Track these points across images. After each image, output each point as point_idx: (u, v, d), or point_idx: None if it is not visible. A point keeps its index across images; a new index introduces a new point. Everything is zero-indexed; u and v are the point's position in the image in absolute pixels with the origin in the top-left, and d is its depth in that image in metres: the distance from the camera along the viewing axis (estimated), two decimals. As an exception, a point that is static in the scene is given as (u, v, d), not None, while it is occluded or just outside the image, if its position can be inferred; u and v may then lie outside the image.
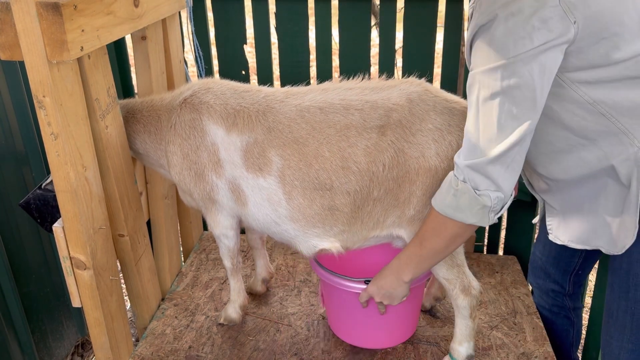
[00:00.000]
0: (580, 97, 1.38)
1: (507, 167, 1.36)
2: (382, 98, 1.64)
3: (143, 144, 1.90)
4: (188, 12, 2.30)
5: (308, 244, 1.74)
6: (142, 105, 1.89)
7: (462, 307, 1.75)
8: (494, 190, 1.38)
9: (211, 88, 1.78)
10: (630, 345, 1.42)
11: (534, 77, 1.29)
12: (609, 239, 1.48)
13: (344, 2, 2.33)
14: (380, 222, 1.69)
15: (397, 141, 1.59)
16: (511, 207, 2.49)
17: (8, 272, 2.10)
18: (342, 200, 1.65)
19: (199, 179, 1.78)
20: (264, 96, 1.74)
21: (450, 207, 1.44)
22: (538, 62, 1.28)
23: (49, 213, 1.86)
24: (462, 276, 1.72)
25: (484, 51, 1.34)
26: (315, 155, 1.63)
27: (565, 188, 1.55)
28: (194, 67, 2.46)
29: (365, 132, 1.61)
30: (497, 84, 1.31)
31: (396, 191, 1.63)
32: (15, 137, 2.14)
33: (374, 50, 3.05)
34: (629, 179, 1.40)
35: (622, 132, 1.38)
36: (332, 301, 1.95)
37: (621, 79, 1.34)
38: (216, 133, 1.72)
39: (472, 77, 1.38)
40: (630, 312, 1.42)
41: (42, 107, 1.46)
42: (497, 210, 1.42)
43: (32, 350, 2.28)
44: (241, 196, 1.75)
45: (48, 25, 1.38)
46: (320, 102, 1.67)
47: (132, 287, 2.04)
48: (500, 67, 1.30)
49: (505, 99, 1.31)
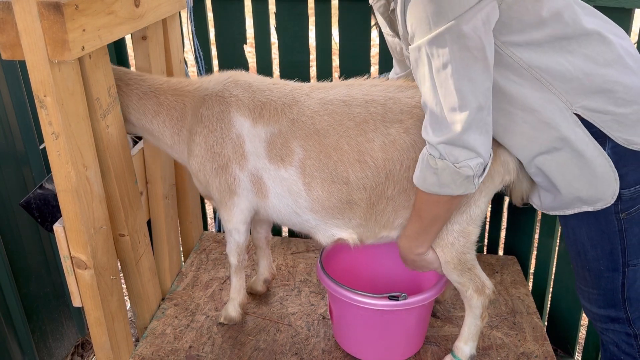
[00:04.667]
0: (515, 62, 1.41)
1: (480, 131, 1.37)
2: (406, 96, 1.64)
3: (162, 126, 1.86)
4: (188, 12, 2.30)
5: (327, 234, 1.75)
6: (167, 87, 1.85)
7: (475, 307, 1.76)
8: (473, 157, 1.38)
9: (239, 81, 1.79)
10: (594, 291, 1.64)
11: (480, 35, 1.30)
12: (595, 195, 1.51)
13: (344, 2, 2.33)
14: (390, 222, 1.70)
15: (417, 142, 1.59)
16: (511, 207, 2.50)
17: (8, 272, 2.10)
18: (359, 195, 1.65)
19: (222, 170, 1.77)
20: (290, 90, 1.75)
21: (435, 185, 1.44)
22: (479, 19, 1.29)
23: (49, 212, 1.86)
24: (475, 278, 1.73)
25: (422, 18, 1.33)
26: (334, 147, 1.64)
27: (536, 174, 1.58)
28: (194, 67, 2.46)
29: (384, 127, 1.61)
30: (445, 50, 1.31)
31: (409, 192, 1.63)
32: (15, 137, 2.14)
33: (374, 50, 3.06)
34: (581, 144, 1.44)
35: (558, 97, 1.42)
36: (343, 317, 1.91)
37: (550, 41, 1.39)
38: (242, 125, 1.72)
39: (417, 50, 1.37)
40: (587, 268, 1.62)
41: (44, 106, 1.46)
42: (480, 174, 1.43)
43: (32, 350, 2.27)
44: (262, 188, 1.75)
45: (49, 24, 1.38)
46: (345, 95, 1.68)
47: (132, 287, 2.04)
48: (445, 33, 1.30)
49: (458, 64, 1.31)
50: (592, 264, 1.60)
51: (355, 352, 1.92)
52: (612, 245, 1.55)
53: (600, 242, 1.56)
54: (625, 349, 1.65)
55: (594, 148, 1.45)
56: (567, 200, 1.55)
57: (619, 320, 1.62)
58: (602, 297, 1.63)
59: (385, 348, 1.88)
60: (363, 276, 2.10)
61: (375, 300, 1.74)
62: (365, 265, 2.12)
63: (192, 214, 2.53)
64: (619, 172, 1.46)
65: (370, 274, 2.12)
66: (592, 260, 1.60)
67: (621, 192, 1.47)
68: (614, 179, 1.46)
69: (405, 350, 1.91)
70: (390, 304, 1.73)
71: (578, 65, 1.41)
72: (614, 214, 1.51)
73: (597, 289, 1.63)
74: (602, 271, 1.59)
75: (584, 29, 1.40)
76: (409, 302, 1.74)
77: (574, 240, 1.63)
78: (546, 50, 1.40)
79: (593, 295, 1.65)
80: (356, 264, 2.10)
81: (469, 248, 1.68)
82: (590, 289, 1.65)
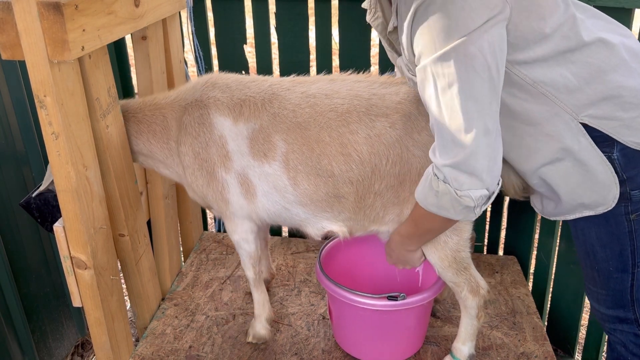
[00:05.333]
0: (521, 79, 1.41)
1: (488, 157, 1.34)
2: (390, 92, 1.64)
3: (147, 144, 1.86)
4: (188, 12, 2.30)
5: (317, 226, 1.74)
6: (143, 105, 1.86)
7: (470, 308, 1.76)
8: (477, 188, 1.35)
9: (217, 83, 1.77)
10: (603, 291, 1.63)
11: (486, 56, 1.28)
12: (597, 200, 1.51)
13: (344, 2, 2.33)
14: (380, 217, 1.69)
15: (403, 138, 1.58)
16: (511, 207, 2.50)
17: (8, 272, 2.10)
18: (345, 189, 1.64)
19: (211, 178, 1.75)
20: (269, 85, 1.74)
21: (434, 206, 1.43)
22: (486, 39, 1.27)
23: (49, 212, 1.86)
24: (470, 278, 1.73)
25: (428, 39, 1.31)
26: (316, 140, 1.62)
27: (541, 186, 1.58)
28: (194, 67, 2.46)
29: (369, 120, 1.60)
30: (451, 70, 1.29)
31: (397, 188, 1.62)
32: (15, 137, 2.14)
33: (374, 50, 3.05)
34: (584, 153, 1.44)
35: (563, 109, 1.42)
36: (343, 317, 1.91)
37: (554, 56, 1.38)
38: (223, 125, 1.71)
39: (423, 70, 1.35)
40: (596, 269, 1.61)
41: (43, 106, 1.46)
42: (482, 205, 1.41)
43: (32, 350, 2.27)
44: (250, 188, 1.73)
45: (49, 24, 1.38)
46: (327, 90, 1.67)
47: (132, 287, 2.04)
48: (450, 52, 1.28)
49: (463, 84, 1.29)
50: (601, 265, 1.59)
51: (355, 352, 1.92)
52: (621, 246, 1.53)
53: (610, 243, 1.55)
54: (633, 349, 1.64)
55: (596, 155, 1.44)
56: (569, 207, 1.55)
57: (627, 321, 1.62)
58: (610, 297, 1.62)
59: (385, 348, 1.88)
60: (362, 276, 2.11)
61: (374, 301, 1.74)
62: (364, 266, 2.12)
63: (192, 214, 2.53)
64: (629, 174, 1.45)
65: (369, 275, 2.12)
66: (601, 261, 1.58)
67: (632, 194, 1.46)
68: (615, 183, 1.45)
69: (405, 350, 1.91)
70: (390, 304, 1.73)
71: (580, 75, 1.40)
72: (624, 215, 1.50)
73: (606, 290, 1.62)
74: (611, 272, 1.58)
75: (586, 39, 1.39)
76: (408, 302, 1.74)
77: (583, 241, 1.61)
78: (551, 65, 1.39)
79: (602, 296, 1.64)
80: (355, 265, 2.10)
81: (462, 245, 1.68)
82: (599, 289, 1.64)
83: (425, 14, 1.31)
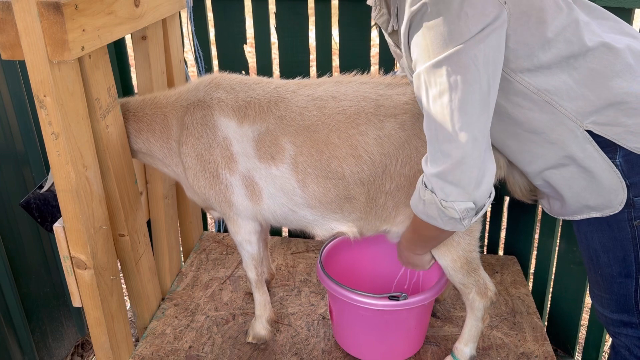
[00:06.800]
0: (525, 88, 1.39)
1: (476, 168, 1.31)
2: (397, 93, 1.64)
3: (147, 142, 1.85)
4: (188, 12, 2.30)
5: (326, 227, 1.74)
6: (143, 103, 1.85)
7: (477, 309, 1.76)
8: (463, 200, 1.33)
9: (220, 84, 1.76)
10: (607, 295, 1.62)
11: (479, 67, 1.26)
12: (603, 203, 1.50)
13: (344, 2, 2.33)
14: (392, 217, 1.69)
15: (411, 138, 1.58)
16: (511, 207, 2.50)
17: (8, 272, 2.10)
18: (356, 190, 1.64)
19: (214, 179, 1.74)
20: (274, 87, 1.73)
21: (424, 214, 1.42)
22: (481, 50, 1.25)
23: (49, 213, 1.86)
24: (479, 280, 1.72)
25: (423, 46, 1.30)
26: (325, 142, 1.62)
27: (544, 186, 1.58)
28: (194, 67, 2.46)
29: (378, 120, 1.60)
30: (442, 80, 1.27)
31: (408, 189, 1.62)
32: (15, 137, 2.14)
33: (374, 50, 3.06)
34: (589, 160, 1.43)
35: (568, 117, 1.40)
36: (343, 317, 1.91)
37: (557, 62, 1.37)
38: (228, 126, 1.69)
39: (417, 77, 1.34)
40: (599, 273, 1.61)
41: (43, 106, 1.46)
42: (469, 217, 1.38)
43: (32, 350, 2.27)
44: (255, 190, 1.72)
45: (49, 24, 1.38)
46: (334, 92, 1.66)
47: (132, 287, 2.04)
48: (443, 60, 1.26)
49: (454, 95, 1.27)
50: (605, 270, 1.58)
51: (355, 352, 1.92)
52: (625, 252, 1.52)
53: (613, 248, 1.54)
54: (637, 353, 1.63)
55: (602, 162, 1.43)
56: (574, 207, 1.55)
57: (631, 325, 1.60)
58: (614, 302, 1.61)
59: (385, 348, 1.88)
60: (363, 276, 2.11)
61: (375, 300, 1.74)
62: (365, 265, 2.12)
63: (192, 214, 2.53)
64: (632, 180, 1.43)
65: (370, 274, 2.12)
66: (605, 265, 1.58)
67: (635, 200, 1.45)
68: (622, 188, 1.44)
69: (405, 350, 1.91)
70: (391, 304, 1.73)
71: (583, 82, 1.38)
72: (627, 221, 1.48)
73: (610, 294, 1.61)
74: (615, 277, 1.57)
75: (589, 44, 1.37)
76: (409, 302, 1.74)
77: (586, 246, 1.61)
78: (554, 72, 1.37)
79: (606, 300, 1.64)
80: (356, 264, 2.10)
81: (474, 246, 1.68)
82: (603, 293, 1.64)
83: (421, 21, 1.30)
